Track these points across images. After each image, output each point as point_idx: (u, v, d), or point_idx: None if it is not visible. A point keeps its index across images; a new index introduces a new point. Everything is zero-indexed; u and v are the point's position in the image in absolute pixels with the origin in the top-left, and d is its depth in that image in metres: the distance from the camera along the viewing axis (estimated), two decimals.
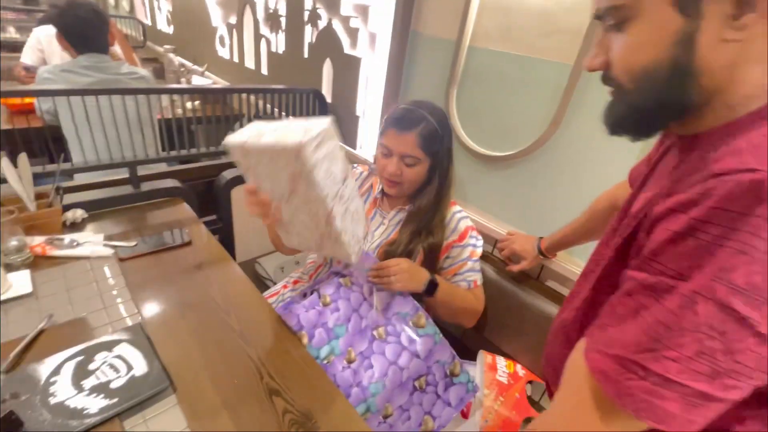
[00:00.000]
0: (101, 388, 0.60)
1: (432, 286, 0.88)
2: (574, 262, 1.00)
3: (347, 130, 1.64)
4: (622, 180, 0.78)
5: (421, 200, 0.97)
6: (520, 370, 1.02)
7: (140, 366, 0.64)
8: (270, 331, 0.80)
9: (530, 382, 1.02)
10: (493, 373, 0.99)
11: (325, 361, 0.78)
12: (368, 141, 1.61)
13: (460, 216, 0.98)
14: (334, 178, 0.62)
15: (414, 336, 0.84)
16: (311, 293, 0.87)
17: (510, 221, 1.15)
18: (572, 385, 0.42)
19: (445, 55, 1.16)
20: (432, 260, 0.95)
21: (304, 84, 1.71)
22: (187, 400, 0.62)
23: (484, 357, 1.03)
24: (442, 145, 0.92)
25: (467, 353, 1.05)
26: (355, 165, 1.09)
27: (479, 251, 0.98)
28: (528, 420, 0.93)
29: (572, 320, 0.56)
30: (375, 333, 0.82)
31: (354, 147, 1.61)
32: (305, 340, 0.78)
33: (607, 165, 0.90)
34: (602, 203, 0.83)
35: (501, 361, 1.03)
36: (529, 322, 1.03)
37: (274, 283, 1.23)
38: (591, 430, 0.38)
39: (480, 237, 0.99)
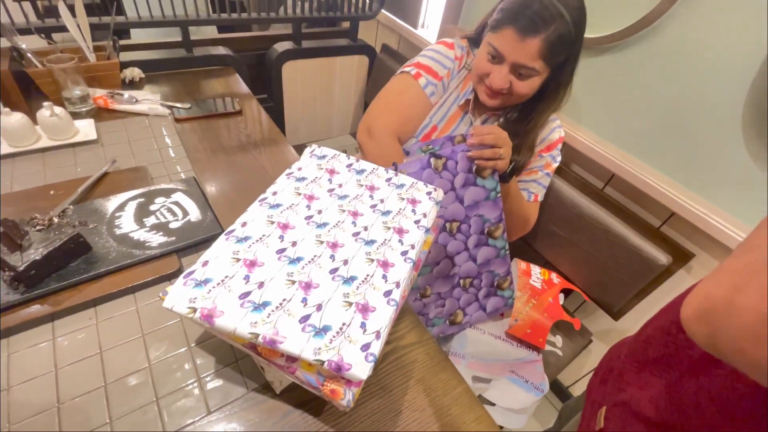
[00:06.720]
0: (161, 227, 0.63)
1: (512, 171, 0.77)
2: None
3: (409, 3, 1.45)
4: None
5: (522, 118, 0.81)
6: (555, 278, 0.99)
7: (195, 213, 0.67)
8: None
9: (564, 291, 1.00)
10: (527, 278, 0.97)
11: None
12: (434, 18, 1.42)
13: (555, 126, 0.86)
14: None
15: (481, 243, 0.80)
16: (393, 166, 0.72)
17: (588, 126, 1.01)
18: None
19: None
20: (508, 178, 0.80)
21: None
22: None
23: (518, 264, 1.01)
24: (572, 51, 0.72)
25: None
26: (461, 45, 0.88)
27: (555, 166, 0.87)
28: (559, 323, 0.92)
29: None
30: (448, 225, 0.76)
31: (415, 26, 1.44)
32: None
33: (739, 59, 0.70)
34: None
35: (535, 269, 1.01)
36: (584, 232, 0.97)
37: None
38: None
39: (560, 153, 0.87)
